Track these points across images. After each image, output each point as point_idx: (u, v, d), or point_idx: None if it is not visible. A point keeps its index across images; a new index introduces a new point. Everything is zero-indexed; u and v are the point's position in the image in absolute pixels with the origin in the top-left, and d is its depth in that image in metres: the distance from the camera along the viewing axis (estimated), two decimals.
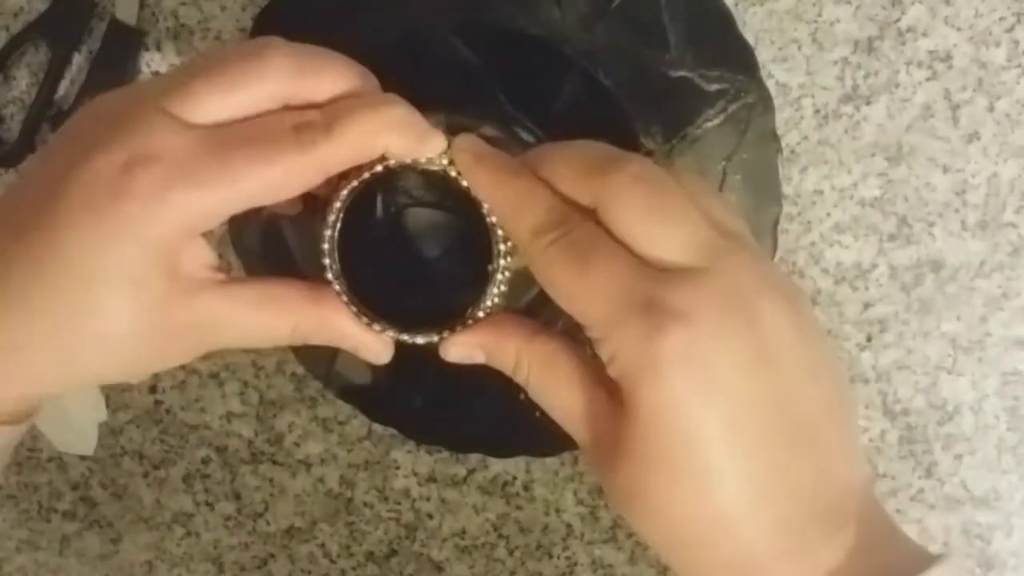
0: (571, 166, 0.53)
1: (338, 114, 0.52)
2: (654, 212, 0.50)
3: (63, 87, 0.71)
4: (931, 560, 0.50)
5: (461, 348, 0.56)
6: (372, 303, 0.57)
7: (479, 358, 0.56)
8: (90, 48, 0.71)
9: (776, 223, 0.67)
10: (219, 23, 0.70)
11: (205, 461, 0.76)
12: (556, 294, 0.51)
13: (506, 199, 0.53)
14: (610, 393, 0.51)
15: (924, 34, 0.67)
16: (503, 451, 0.73)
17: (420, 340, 0.57)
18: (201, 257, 0.52)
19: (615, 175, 0.51)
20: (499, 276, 0.55)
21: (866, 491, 0.52)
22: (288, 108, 0.52)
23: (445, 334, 0.56)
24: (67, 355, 0.51)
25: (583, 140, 0.55)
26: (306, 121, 0.51)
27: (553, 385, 0.54)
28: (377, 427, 0.74)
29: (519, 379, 0.55)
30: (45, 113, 0.71)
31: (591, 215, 0.51)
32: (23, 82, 0.72)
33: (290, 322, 0.55)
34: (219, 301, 0.52)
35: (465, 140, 0.55)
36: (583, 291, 0.50)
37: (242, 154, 0.49)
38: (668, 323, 0.48)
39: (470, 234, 0.56)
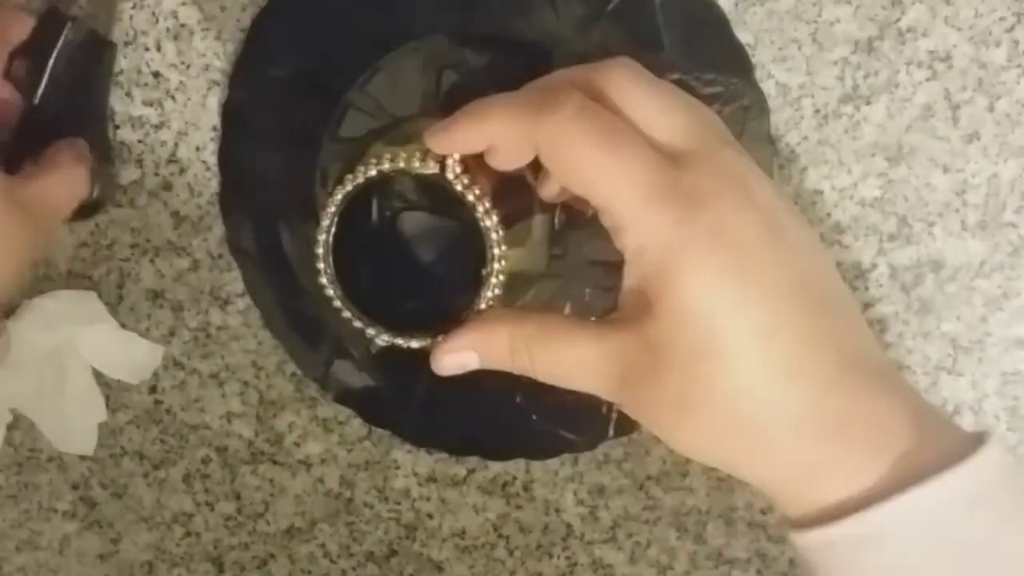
0: (568, 70, 0.54)
1: None
2: (654, 97, 0.51)
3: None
4: (972, 443, 0.50)
5: (452, 356, 0.56)
6: (367, 307, 0.57)
7: (473, 363, 0.56)
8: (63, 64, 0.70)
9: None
10: (219, 23, 0.70)
11: (205, 461, 0.76)
12: (579, 175, 0.50)
13: (498, 113, 0.52)
14: (621, 326, 0.51)
15: (924, 34, 0.67)
16: (500, 454, 0.73)
17: (415, 344, 0.57)
18: None
19: (612, 66, 0.52)
20: (493, 279, 0.55)
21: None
22: None
23: (440, 338, 0.56)
24: None
25: None
26: None
27: (561, 353, 0.53)
28: (381, 429, 0.74)
29: (521, 366, 0.55)
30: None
31: None
32: None
33: None
34: None
35: (430, 129, 0.55)
36: (611, 172, 0.49)
37: None
38: (696, 206, 0.49)
39: (464, 238, 0.56)
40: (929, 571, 0.49)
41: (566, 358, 0.53)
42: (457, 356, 0.56)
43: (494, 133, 0.53)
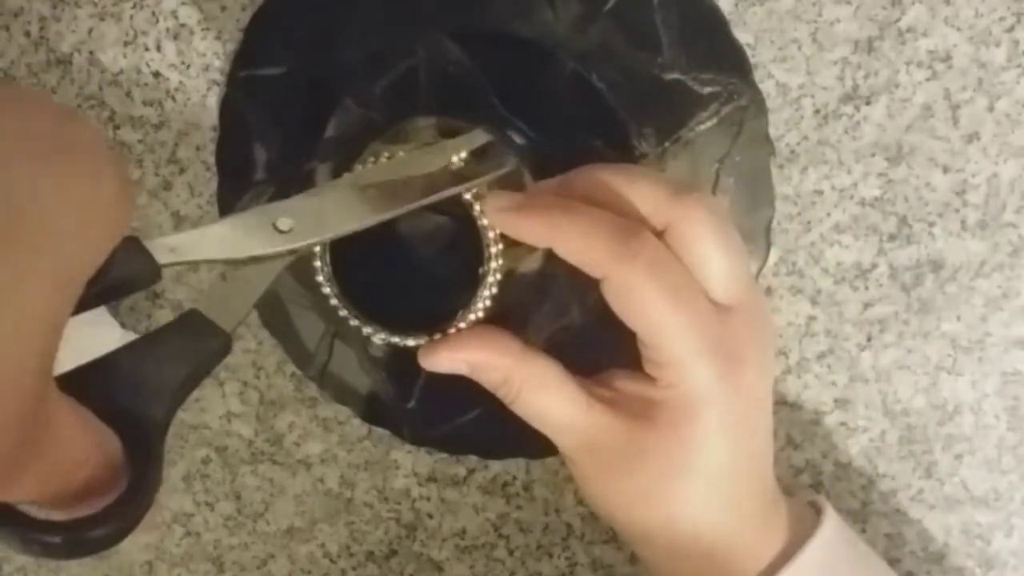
0: (638, 184, 0.56)
1: None
2: (726, 245, 0.56)
3: None
4: (812, 520, 0.62)
5: (447, 358, 0.57)
6: (364, 306, 0.57)
7: (462, 371, 0.58)
8: None
9: (769, 225, 0.67)
10: (219, 23, 0.70)
11: (205, 461, 0.76)
12: (640, 321, 0.55)
13: (572, 232, 0.55)
14: (613, 409, 0.57)
15: (924, 34, 0.67)
16: (498, 453, 0.73)
17: (411, 343, 0.57)
18: None
19: (695, 199, 0.55)
20: (490, 279, 0.55)
21: None
22: None
23: (437, 337, 0.56)
24: None
25: (617, 165, 0.59)
26: None
27: (546, 401, 0.58)
28: (379, 428, 0.74)
29: (502, 394, 0.58)
30: None
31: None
32: None
33: None
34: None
35: (498, 198, 0.57)
36: (673, 324, 0.54)
37: None
38: (733, 365, 0.56)
39: (461, 237, 0.56)
40: None
41: (549, 410, 0.58)
42: (452, 361, 0.58)
43: (564, 247, 0.55)
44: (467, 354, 0.58)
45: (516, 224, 0.56)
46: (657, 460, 0.56)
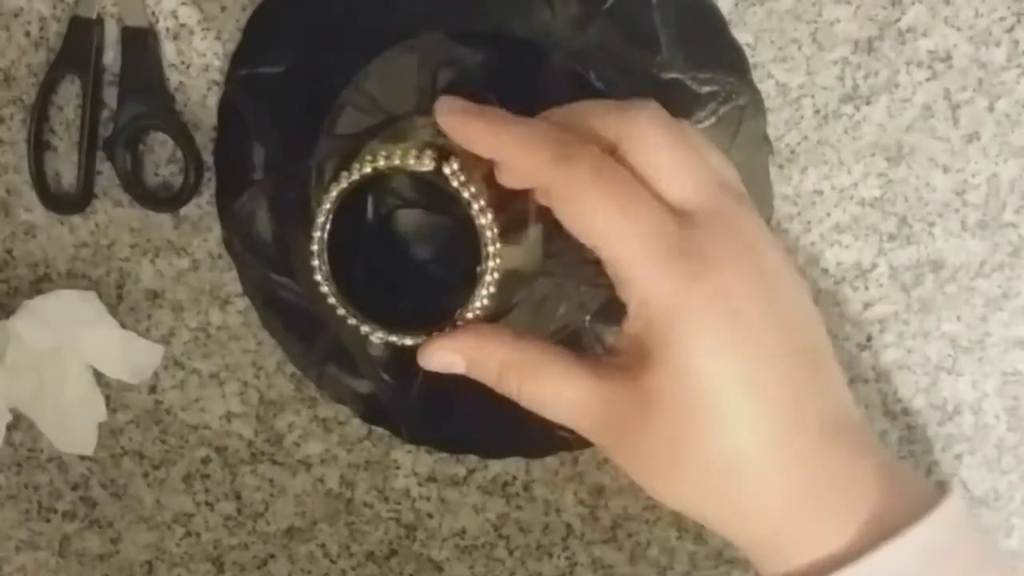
0: (590, 107, 0.54)
1: None
2: (677, 150, 0.52)
3: (103, 113, 0.72)
4: (935, 496, 0.51)
5: (441, 355, 0.56)
6: (362, 305, 0.57)
7: (459, 368, 0.56)
8: (113, 67, 0.71)
9: (768, 225, 0.67)
10: (219, 23, 0.70)
11: (205, 461, 0.76)
12: (588, 231, 0.51)
13: (515, 140, 0.53)
14: (616, 371, 0.52)
15: (924, 34, 0.67)
16: (497, 452, 0.73)
17: (409, 342, 0.57)
18: None
19: (641, 109, 0.52)
20: (488, 277, 0.55)
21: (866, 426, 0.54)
22: None
23: (436, 335, 0.56)
24: None
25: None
26: None
27: (551, 390, 0.54)
28: (377, 427, 0.74)
29: (505, 390, 0.56)
30: (94, 147, 0.71)
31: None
32: (62, 122, 0.72)
33: None
34: None
35: (446, 102, 0.55)
36: (621, 231, 0.50)
37: None
38: (702, 269, 0.49)
39: (459, 236, 0.56)
40: None
41: (556, 396, 0.54)
42: (446, 356, 0.56)
43: (506, 155, 0.53)
44: (461, 346, 0.56)
45: (462, 128, 0.54)
46: (663, 401, 0.50)
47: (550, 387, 0.54)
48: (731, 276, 0.50)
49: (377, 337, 0.57)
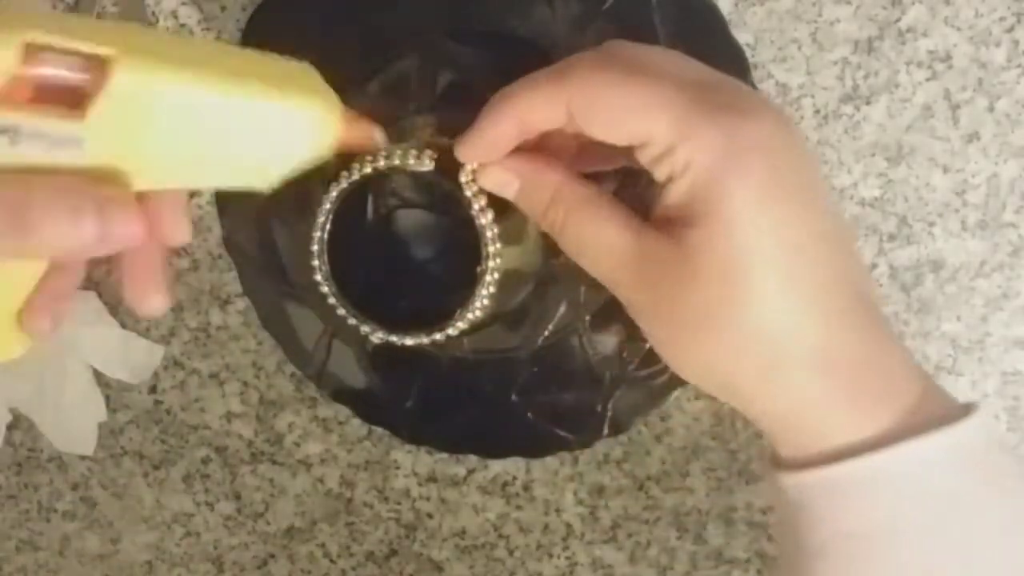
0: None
1: None
2: (670, 53, 0.52)
3: None
4: (963, 410, 0.51)
5: (497, 174, 0.55)
6: (362, 304, 0.57)
7: (511, 191, 0.55)
8: None
9: None
10: (219, 23, 0.70)
11: (205, 461, 0.76)
12: (614, 113, 0.50)
13: (521, 97, 0.53)
14: (658, 232, 0.51)
15: (924, 34, 0.67)
16: (495, 452, 0.73)
17: (409, 341, 0.57)
18: None
19: (612, 44, 0.53)
20: (488, 277, 0.55)
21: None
22: None
23: (436, 336, 0.56)
24: None
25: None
26: None
27: (596, 230, 0.53)
28: (377, 427, 0.74)
29: (550, 223, 0.54)
30: None
31: None
32: None
33: None
34: None
35: (458, 145, 0.55)
36: (648, 99, 0.49)
37: None
38: (739, 117, 0.49)
39: (459, 236, 0.56)
40: (914, 516, 0.50)
41: (597, 236, 0.53)
42: (502, 175, 0.55)
43: (522, 109, 0.53)
44: (518, 168, 0.54)
45: (480, 135, 0.54)
46: (703, 260, 0.49)
47: (594, 226, 0.53)
48: (770, 123, 0.50)
49: (377, 337, 0.57)
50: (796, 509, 0.52)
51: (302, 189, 0.53)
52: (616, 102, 0.50)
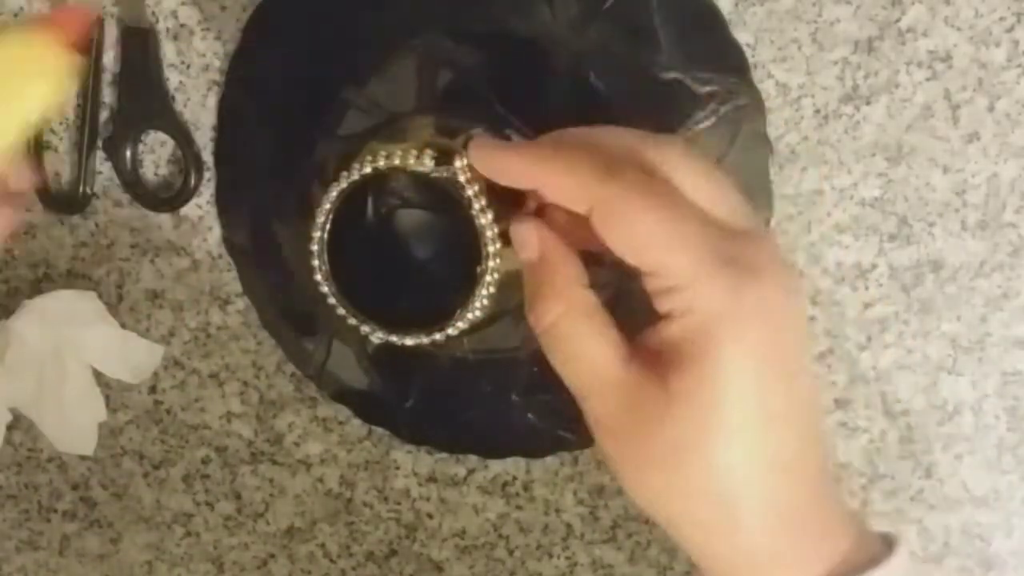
0: (620, 132, 0.53)
1: None
2: (715, 177, 0.52)
3: (103, 113, 0.72)
4: (887, 544, 0.54)
5: (526, 232, 0.54)
6: (362, 304, 0.57)
7: (530, 254, 0.55)
8: (113, 67, 0.71)
9: (767, 225, 0.67)
10: (219, 23, 0.70)
11: (205, 461, 0.76)
12: (634, 239, 0.50)
13: (553, 165, 0.52)
14: (644, 367, 0.51)
15: (924, 34, 0.67)
16: (495, 452, 0.73)
17: (409, 341, 0.57)
18: None
19: (672, 142, 0.52)
20: (488, 278, 0.55)
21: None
22: None
23: (436, 336, 0.56)
24: None
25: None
26: None
27: (588, 339, 0.53)
28: (377, 427, 0.74)
29: (543, 310, 0.54)
30: (93, 147, 0.71)
31: None
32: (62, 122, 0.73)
33: None
34: None
35: (478, 143, 0.55)
36: (671, 238, 0.50)
37: None
38: (749, 277, 0.49)
39: (459, 236, 0.56)
40: None
41: (588, 353, 0.53)
42: (530, 236, 0.54)
43: (547, 182, 0.53)
44: (549, 239, 0.54)
45: (501, 162, 0.54)
46: (683, 405, 0.50)
47: (587, 340, 0.53)
48: (774, 288, 0.50)
49: (377, 337, 0.57)
50: None
51: (302, 189, 0.54)
52: (641, 228, 0.50)
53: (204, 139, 0.71)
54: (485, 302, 0.56)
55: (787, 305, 0.51)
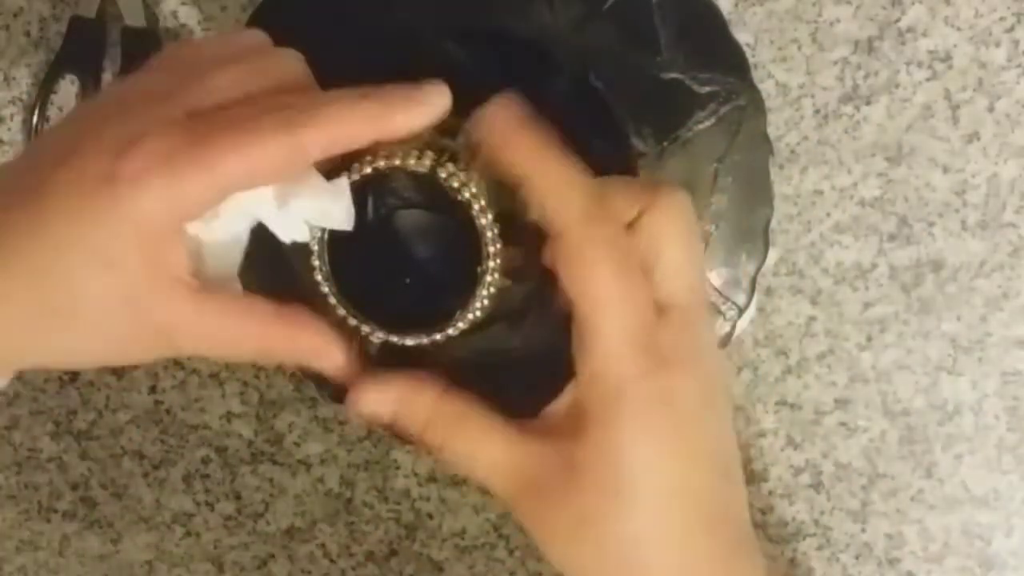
0: (626, 183, 0.55)
1: (321, 99, 0.54)
2: (687, 248, 0.53)
3: None
4: None
5: (368, 405, 0.56)
6: (361, 304, 0.57)
7: (384, 419, 0.56)
8: (113, 67, 0.71)
9: (767, 225, 0.67)
10: (219, 23, 0.70)
11: (205, 461, 0.76)
12: (580, 286, 0.51)
13: (553, 178, 0.52)
14: (543, 435, 0.53)
15: (924, 34, 0.67)
16: None
17: (409, 342, 0.57)
18: (183, 258, 0.51)
19: (672, 192, 0.53)
20: (488, 278, 0.55)
21: None
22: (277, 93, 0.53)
23: (436, 336, 0.56)
24: (36, 324, 0.50)
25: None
26: (288, 102, 0.52)
27: (473, 443, 0.54)
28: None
29: (430, 443, 0.55)
30: None
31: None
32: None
33: (254, 338, 0.55)
34: (191, 306, 0.52)
35: (504, 105, 0.54)
36: (609, 303, 0.51)
37: (224, 137, 0.49)
38: (661, 369, 0.51)
39: (459, 236, 0.56)
40: None
41: (478, 453, 0.54)
42: (372, 407, 0.56)
43: (539, 188, 0.53)
44: (386, 398, 0.56)
45: (512, 137, 0.54)
46: (587, 476, 0.51)
47: (471, 444, 0.54)
48: (682, 379, 0.52)
49: (377, 337, 0.57)
50: None
51: None
52: (588, 281, 0.51)
53: None
54: (485, 302, 0.56)
55: (694, 394, 0.52)
